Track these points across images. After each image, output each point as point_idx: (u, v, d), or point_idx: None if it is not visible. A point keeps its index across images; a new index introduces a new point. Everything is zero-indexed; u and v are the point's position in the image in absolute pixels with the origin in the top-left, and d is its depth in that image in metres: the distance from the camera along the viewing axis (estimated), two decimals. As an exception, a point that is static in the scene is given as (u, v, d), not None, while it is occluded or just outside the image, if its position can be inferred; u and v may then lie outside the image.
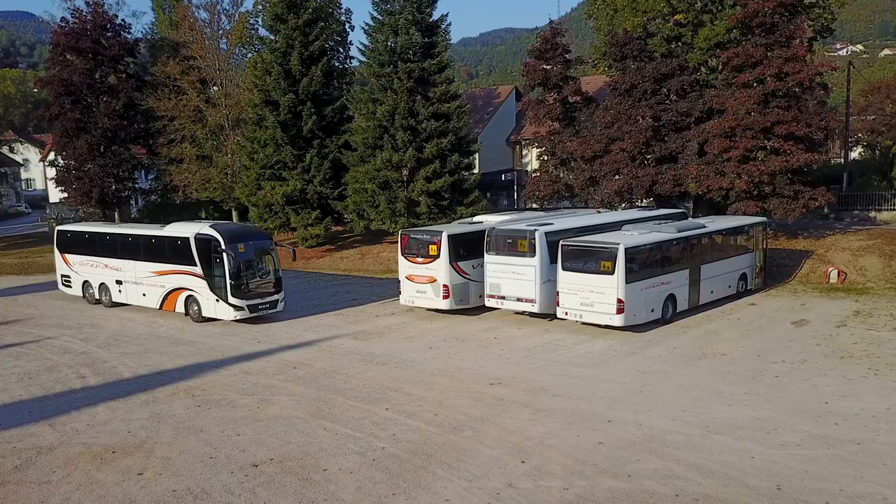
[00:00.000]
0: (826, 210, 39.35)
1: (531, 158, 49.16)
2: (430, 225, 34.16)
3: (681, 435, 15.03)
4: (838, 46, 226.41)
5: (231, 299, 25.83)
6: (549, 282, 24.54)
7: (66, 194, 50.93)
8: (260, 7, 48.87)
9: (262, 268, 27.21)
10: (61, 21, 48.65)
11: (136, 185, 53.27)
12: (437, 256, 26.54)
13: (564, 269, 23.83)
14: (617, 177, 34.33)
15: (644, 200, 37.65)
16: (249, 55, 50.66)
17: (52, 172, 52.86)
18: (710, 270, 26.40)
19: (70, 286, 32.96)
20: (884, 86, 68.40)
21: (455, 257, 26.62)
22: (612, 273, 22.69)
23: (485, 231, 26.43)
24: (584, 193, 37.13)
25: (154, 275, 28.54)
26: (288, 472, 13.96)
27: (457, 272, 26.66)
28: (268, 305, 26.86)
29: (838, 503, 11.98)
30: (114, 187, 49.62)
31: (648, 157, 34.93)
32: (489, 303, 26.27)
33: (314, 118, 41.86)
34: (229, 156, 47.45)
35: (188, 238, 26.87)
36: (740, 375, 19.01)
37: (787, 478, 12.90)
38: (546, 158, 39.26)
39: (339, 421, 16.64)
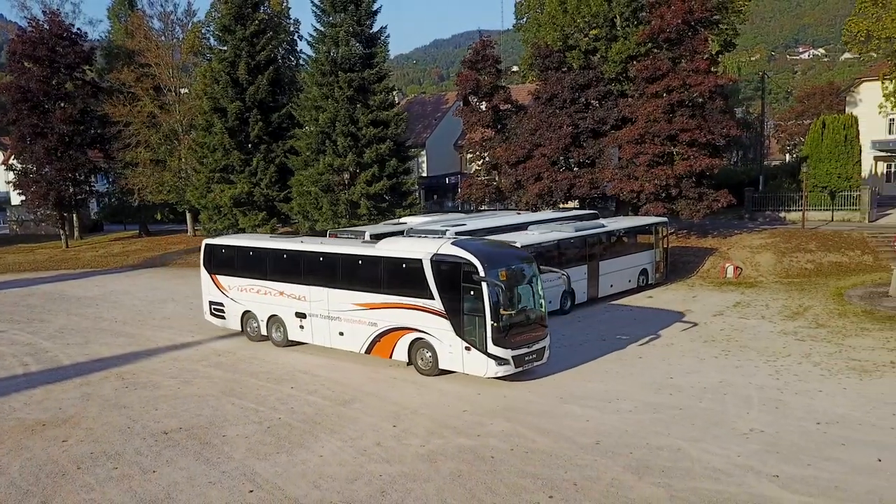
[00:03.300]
0: (743, 211, 42.30)
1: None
2: (371, 225, 36.43)
3: (536, 404, 17.50)
4: (801, 50, 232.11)
5: (492, 348, 18.45)
6: (460, 277, 26.76)
7: (24, 197, 52.69)
8: (211, 18, 50.94)
9: (529, 301, 19.80)
10: (18, 29, 50.47)
11: (93, 188, 55.10)
12: (362, 254, 28.52)
13: (470, 265, 26.05)
14: (539, 180, 36.85)
15: (571, 203, 40.33)
16: (203, 62, 52.77)
17: (11, 176, 54.57)
18: (609, 266, 28.97)
19: (223, 316, 25.88)
20: (819, 91, 72.12)
21: (378, 255, 28.66)
22: (510, 268, 24.98)
23: (404, 231, 28.77)
24: (513, 196, 39.71)
25: (359, 308, 21.32)
26: (192, 438, 16.24)
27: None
28: (535, 355, 19.42)
29: (640, 453, 14.48)
30: (71, 190, 51.53)
31: (570, 161, 37.61)
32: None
33: (260, 124, 44.08)
34: (182, 160, 49.51)
35: (421, 260, 19.67)
36: (608, 357, 21.53)
37: (608, 435, 15.40)
38: (479, 163, 41.80)
39: (247, 398, 18.95)
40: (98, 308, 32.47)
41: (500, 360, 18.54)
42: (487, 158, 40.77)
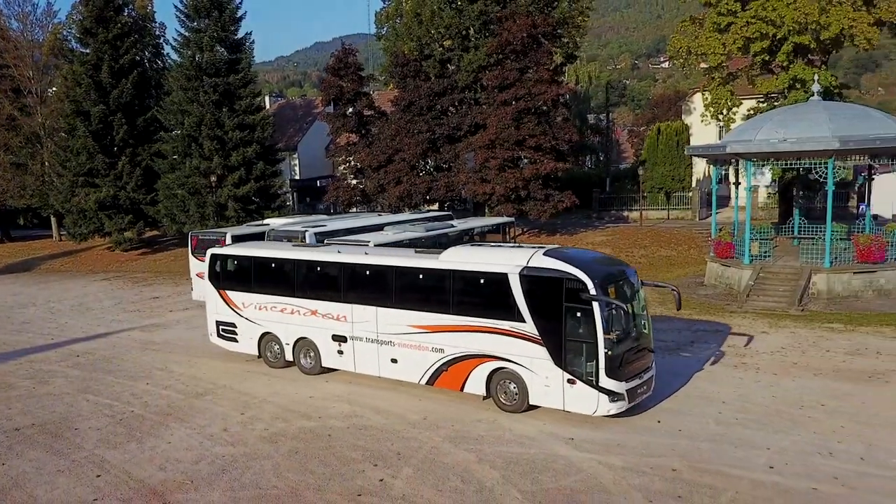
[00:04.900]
0: (591, 211, 45.64)
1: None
2: (233, 227, 37.29)
3: (378, 391, 19.19)
4: (662, 59, 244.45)
5: (605, 380, 15.66)
6: (319, 275, 28.11)
7: None
8: (73, 19, 50.23)
9: (637, 322, 16.90)
10: None
11: (-52, 193, 53.13)
12: (223, 255, 29.44)
13: (328, 264, 27.42)
14: (400, 184, 38.75)
15: (434, 205, 42.43)
16: (64, 65, 51.92)
17: None
18: (460, 263, 30.88)
19: (234, 339, 22.47)
20: (666, 100, 77.54)
21: (240, 256, 29.66)
22: (364, 266, 26.50)
23: (266, 232, 29.98)
24: (377, 199, 41.47)
25: (419, 331, 18.22)
26: (45, 433, 17.10)
27: (242, 269, 29.62)
28: (645, 387, 16.80)
29: (461, 426, 16.46)
30: (-78, 195, 49.62)
31: (429, 165, 39.72)
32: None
33: (125, 128, 44.07)
34: (45, 163, 48.65)
35: (507, 275, 16.65)
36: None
37: (434, 412, 17.34)
38: (345, 167, 43.36)
39: (103, 394, 19.85)
40: (-47, 315, 32.04)
41: (613, 395, 15.74)
42: (353, 162, 42.36)
